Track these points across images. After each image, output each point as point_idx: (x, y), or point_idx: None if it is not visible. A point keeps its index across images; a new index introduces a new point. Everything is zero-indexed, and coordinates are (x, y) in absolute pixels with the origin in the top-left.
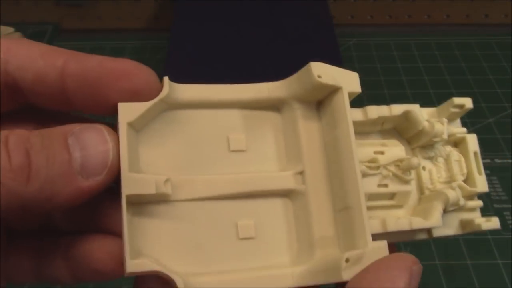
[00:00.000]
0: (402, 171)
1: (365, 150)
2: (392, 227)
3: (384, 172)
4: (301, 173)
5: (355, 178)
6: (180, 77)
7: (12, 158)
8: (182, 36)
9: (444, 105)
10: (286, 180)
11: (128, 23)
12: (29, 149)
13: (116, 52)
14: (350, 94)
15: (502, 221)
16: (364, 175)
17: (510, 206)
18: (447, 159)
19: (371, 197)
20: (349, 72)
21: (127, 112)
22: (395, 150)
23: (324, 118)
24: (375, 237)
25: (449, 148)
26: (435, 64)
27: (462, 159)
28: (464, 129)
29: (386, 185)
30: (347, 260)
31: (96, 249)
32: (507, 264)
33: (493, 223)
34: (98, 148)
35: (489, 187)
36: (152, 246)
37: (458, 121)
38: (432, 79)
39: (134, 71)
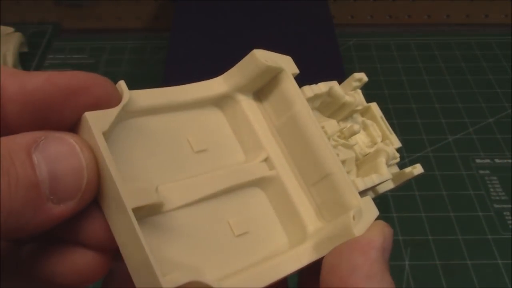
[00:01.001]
0: (346, 139)
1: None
2: (362, 186)
3: (333, 143)
4: (266, 159)
5: (326, 145)
6: (180, 77)
7: None
8: (182, 36)
9: (348, 80)
10: (257, 168)
11: (128, 23)
12: None
13: (116, 52)
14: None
15: (502, 221)
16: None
17: (510, 206)
18: (364, 127)
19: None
20: (284, 56)
21: (97, 121)
22: (331, 123)
23: (269, 103)
24: None
25: (360, 118)
26: (435, 64)
27: (374, 124)
28: (362, 98)
29: (337, 155)
30: (354, 218)
31: (60, 264)
32: (507, 264)
33: (418, 169)
34: (69, 165)
35: (489, 187)
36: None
37: (359, 91)
38: (432, 79)
39: (91, 83)
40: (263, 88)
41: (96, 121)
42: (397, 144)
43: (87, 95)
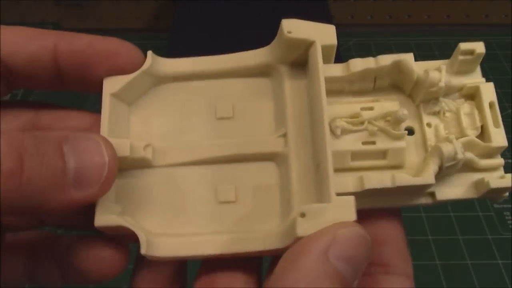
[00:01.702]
0: (393, 126)
1: (348, 106)
2: (371, 184)
3: (370, 128)
4: (284, 135)
5: (323, 132)
6: None
7: (3, 162)
8: (182, 36)
9: (454, 55)
10: (269, 143)
11: (128, 23)
12: (22, 153)
13: None
14: (325, 48)
15: (502, 221)
16: (344, 131)
17: (510, 206)
18: (456, 113)
19: (356, 156)
20: (326, 26)
21: (111, 84)
22: (386, 105)
23: (306, 77)
24: (358, 197)
25: (460, 101)
26: None
27: (476, 112)
28: (482, 79)
29: (373, 143)
30: (302, 215)
31: (86, 255)
32: (507, 264)
33: (507, 180)
34: (94, 160)
35: None
36: (135, 208)
37: (478, 71)
38: None
39: (120, 49)
40: (307, 60)
41: (109, 84)
42: (499, 142)
43: (116, 59)
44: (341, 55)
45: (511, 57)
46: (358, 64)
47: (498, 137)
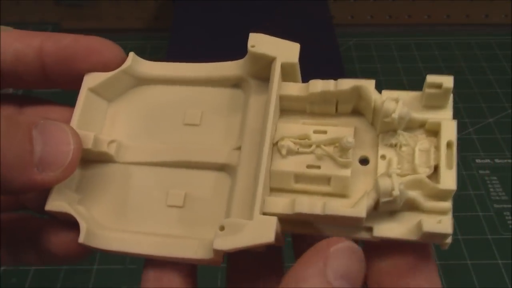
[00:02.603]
0: (341, 153)
1: (300, 127)
2: (301, 208)
3: (318, 152)
4: (238, 148)
5: (261, 149)
6: None
7: None
8: (182, 36)
9: (423, 87)
10: (223, 154)
11: (128, 23)
12: None
13: None
14: (287, 65)
15: (502, 221)
16: (290, 152)
17: (510, 206)
18: (413, 149)
19: (300, 178)
20: (290, 43)
21: (91, 80)
22: (340, 130)
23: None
24: (292, 220)
25: (421, 137)
26: (435, 64)
27: (432, 150)
28: (447, 115)
29: (318, 167)
30: (221, 228)
31: (54, 238)
32: (507, 264)
33: (443, 225)
34: (60, 147)
35: (489, 187)
36: (91, 199)
37: (449, 107)
38: None
39: (102, 46)
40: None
41: (89, 79)
42: (447, 185)
43: (100, 55)
44: (341, 55)
45: (511, 57)
46: (317, 85)
47: (448, 179)
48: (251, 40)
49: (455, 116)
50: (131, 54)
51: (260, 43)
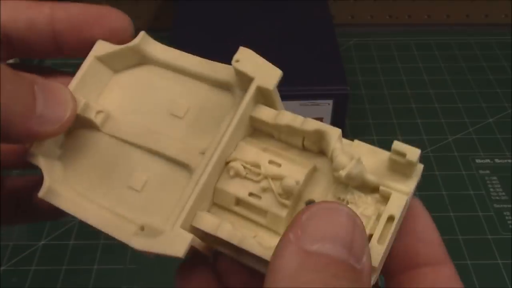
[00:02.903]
0: (284, 193)
1: (258, 153)
2: (222, 233)
3: (264, 184)
4: (203, 152)
5: (208, 163)
6: None
7: None
8: (182, 36)
9: None
10: (187, 154)
11: None
12: (1, 82)
13: None
14: (262, 89)
15: (502, 221)
16: (237, 174)
17: (510, 206)
18: (356, 210)
19: (241, 203)
20: (273, 68)
21: (99, 48)
22: (292, 168)
23: None
24: (218, 240)
25: (371, 200)
26: (435, 64)
27: (373, 218)
28: (406, 188)
29: (259, 197)
30: (141, 228)
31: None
32: (507, 264)
33: None
34: (58, 105)
35: (489, 187)
36: (69, 158)
37: (413, 180)
38: (432, 79)
39: (113, 13)
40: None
41: (98, 47)
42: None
43: (109, 21)
44: (341, 56)
45: (511, 57)
46: (284, 118)
47: (373, 255)
48: (238, 54)
49: (455, 116)
50: (142, 33)
51: (245, 59)
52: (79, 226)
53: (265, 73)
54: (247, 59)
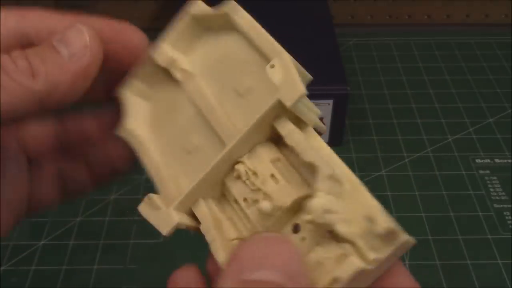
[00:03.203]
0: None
1: (264, 164)
2: (203, 228)
3: (256, 195)
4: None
5: (216, 157)
6: None
7: (16, 63)
8: None
9: None
10: (230, 135)
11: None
12: (27, 55)
13: None
14: (281, 103)
15: (502, 221)
16: (238, 177)
17: (510, 206)
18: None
19: (236, 204)
20: (299, 84)
21: (196, 7)
22: (286, 191)
23: None
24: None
25: (334, 247)
26: (435, 64)
27: (327, 268)
28: (371, 255)
29: (250, 206)
30: (148, 198)
31: (112, 150)
32: (507, 264)
33: None
34: (81, 43)
35: (489, 187)
36: (152, 101)
37: (388, 249)
38: (432, 79)
39: (129, 30)
40: None
41: (194, 6)
42: None
43: (121, 39)
44: (341, 56)
45: (511, 57)
46: (294, 138)
47: None
48: (276, 60)
49: (455, 116)
50: (232, 1)
51: (280, 67)
52: (79, 226)
53: (290, 87)
54: (282, 67)
